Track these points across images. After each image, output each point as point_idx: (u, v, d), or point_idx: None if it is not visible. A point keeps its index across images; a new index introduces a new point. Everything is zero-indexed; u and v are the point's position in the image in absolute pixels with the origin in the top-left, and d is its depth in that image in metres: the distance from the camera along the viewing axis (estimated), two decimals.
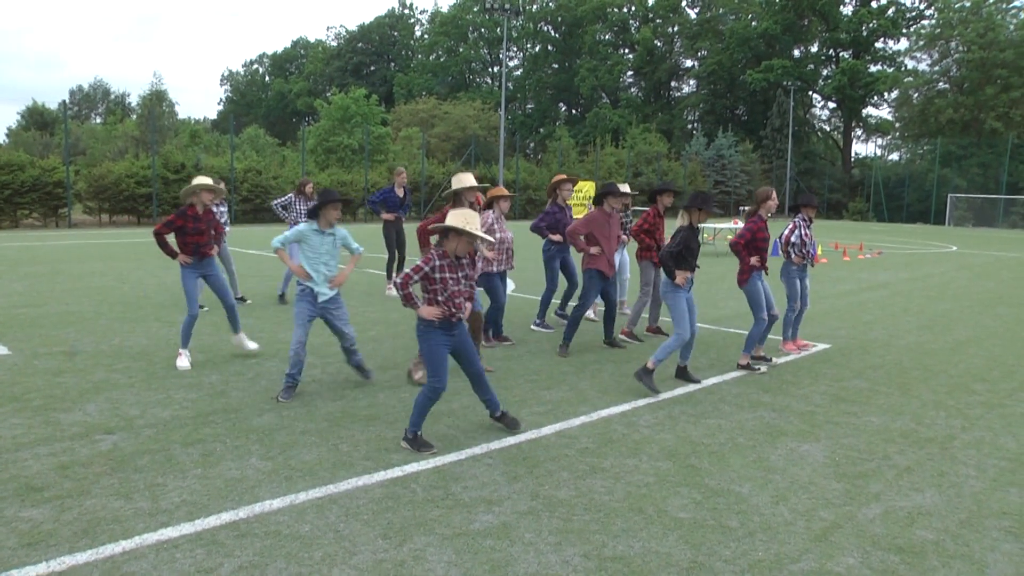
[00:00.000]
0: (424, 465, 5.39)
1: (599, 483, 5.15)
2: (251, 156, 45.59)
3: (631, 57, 78.58)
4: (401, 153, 49.23)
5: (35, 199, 30.16)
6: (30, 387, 7.26)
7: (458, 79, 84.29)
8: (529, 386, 7.55)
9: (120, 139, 51.14)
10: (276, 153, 53.82)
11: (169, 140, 47.92)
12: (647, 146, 57.82)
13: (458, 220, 5.55)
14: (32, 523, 4.44)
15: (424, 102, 65.04)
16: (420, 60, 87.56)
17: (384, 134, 49.11)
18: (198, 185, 8.14)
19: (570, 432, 6.20)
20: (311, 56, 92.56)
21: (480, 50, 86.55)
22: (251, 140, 58.37)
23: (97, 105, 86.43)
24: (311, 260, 7.04)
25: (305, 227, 7.03)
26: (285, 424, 6.24)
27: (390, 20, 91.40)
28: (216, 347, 9.05)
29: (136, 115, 63.11)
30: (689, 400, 7.20)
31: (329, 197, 6.98)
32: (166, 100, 63.29)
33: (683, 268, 7.43)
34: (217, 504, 4.70)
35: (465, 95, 72.81)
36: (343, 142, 47.09)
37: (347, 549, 4.15)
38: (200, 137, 52.54)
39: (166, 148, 38.45)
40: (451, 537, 4.31)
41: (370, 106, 49.95)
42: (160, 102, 60.55)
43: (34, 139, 53.66)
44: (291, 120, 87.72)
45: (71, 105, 73.78)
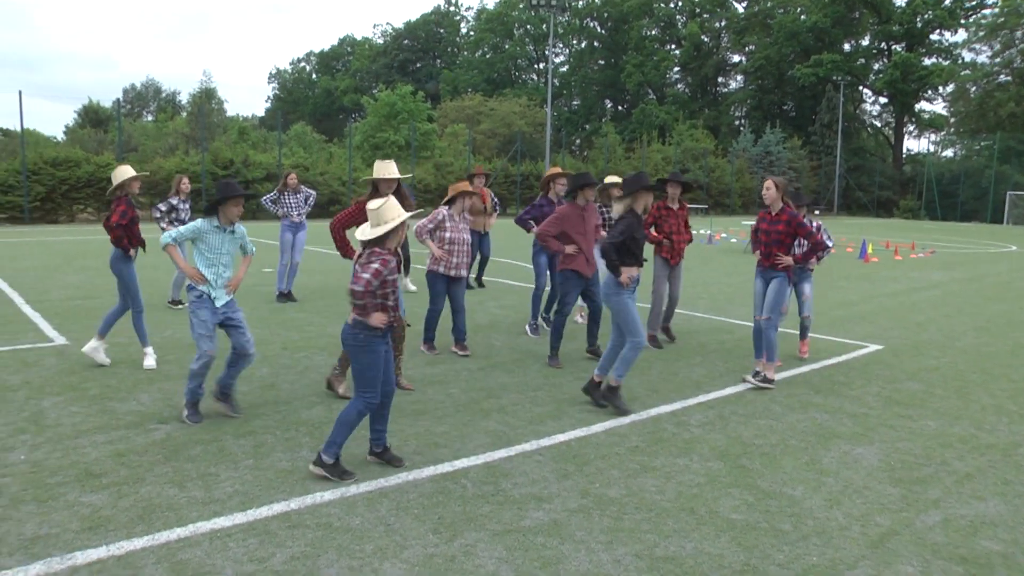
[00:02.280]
0: (474, 461, 5.38)
1: (650, 482, 5.11)
2: (298, 152, 46.07)
3: (678, 52, 77.87)
4: (447, 150, 49.37)
5: (90, 194, 30.84)
6: (87, 377, 7.41)
7: (504, 76, 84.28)
8: (578, 383, 7.50)
9: (171, 136, 51.97)
10: (323, 149, 54.27)
11: (218, 137, 48.52)
12: (694, 143, 57.34)
13: (390, 213, 4.99)
14: (92, 508, 4.54)
15: (470, 98, 65.16)
16: (466, 57, 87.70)
17: (430, 130, 49.30)
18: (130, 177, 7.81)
19: (620, 430, 6.15)
20: (358, 53, 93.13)
21: (526, 47, 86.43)
22: (298, 137, 58.94)
23: (149, 103, 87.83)
24: (209, 261, 6.21)
25: (204, 223, 6.19)
26: (334, 417, 6.22)
27: (436, 17, 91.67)
28: (265, 340, 9.14)
29: (186, 112, 64.06)
30: (739, 400, 7.10)
31: (231, 191, 6.15)
32: (215, 98, 64.16)
33: (629, 264, 6.62)
34: (269, 495, 4.74)
35: (511, 91, 72.78)
36: (389, 138, 47.39)
37: (398, 543, 4.16)
38: (248, 134, 53.18)
39: (215, 144, 38.96)
40: (502, 533, 4.30)
41: (416, 102, 50.19)
42: (209, 100, 61.43)
43: (89, 136, 54.69)
44: (337, 117, 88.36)
45: (124, 103, 75.06)
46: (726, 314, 11.70)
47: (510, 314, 11.23)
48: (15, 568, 3.85)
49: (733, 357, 8.85)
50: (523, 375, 7.80)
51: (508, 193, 44.60)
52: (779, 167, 56.40)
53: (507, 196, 44.58)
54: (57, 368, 7.73)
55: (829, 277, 16.73)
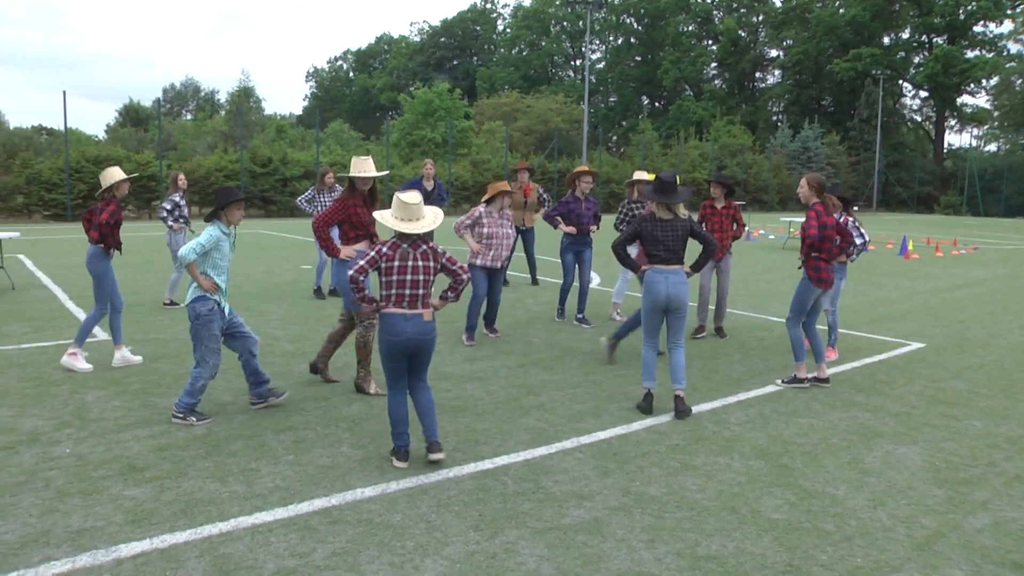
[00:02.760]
0: (514, 458, 5.38)
1: (691, 480, 5.06)
2: (335, 150, 46.29)
3: (714, 48, 77.24)
4: (484, 147, 49.42)
5: (130, 191, 31.20)
6: (129, 372, 7.51)
7: (540, 73, 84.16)
8: (618, 381, 7.48)
9: (209, 134, 52.53)
10: (360, 147, 54.55)
11: (256, 135, 49.00)
12: (731, 139, 56.82)
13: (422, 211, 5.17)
14: (135, 501, 4.60)
15: (507, 96, 65.13)
16: (502, 54, 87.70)
17: (467, 128, 49.37)
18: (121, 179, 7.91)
19: (660, 428, 6.11)
20: (394, 51, 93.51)
21: (562, 43, 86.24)
22: (335, 134, 59.31)
23: (188, 102, 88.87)
24: (220, 269, 6.14)
25: (217, 231, 6.01)
26: (375, 414, 6.30)
27: (472, 14, 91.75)
28: (305, 337, 9.21)
29: (225, 111, 64.75)
30: (780, 398, 7.02)
31: (233, 196, 6.07)
32: (253, 96, 64.85)
33: (652, 261, 6.47)
34: (310, 490, 4.76)
35: (547, 88, 72.65)
36: (426, 136, 47.52)
37: (439, 540, 4.16)
38: (286, 132, 53.63)
39: (253, 143, 39.33)
40: (542, 531, 4.28)
41: (453, 100, 50.28)
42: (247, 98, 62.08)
43: (129, 135, 55.49)
44: (374, 115, 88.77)
45: (164, 102, 76.01)
46: (765, 311, 11.58)
47: (548, 311, 11.21)
48: (63, 559, 3.91)
49: (773, 355, 8.75)
50: (563, 372, 7.78)
51: (545, 189, 44.56)
52: (817, 163, 55.62)
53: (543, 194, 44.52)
54: (99, 363, 7.83)
55: (869, 274, 16.50)
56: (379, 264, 5.08)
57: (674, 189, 6.39)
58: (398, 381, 5.23)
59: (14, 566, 3.84)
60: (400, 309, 5.06)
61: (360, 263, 5.08)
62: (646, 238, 6.44)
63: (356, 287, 5.09)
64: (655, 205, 6.49)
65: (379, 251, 5.08)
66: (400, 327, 5.04)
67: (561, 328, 9.99)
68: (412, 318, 5.05)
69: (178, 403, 6.02)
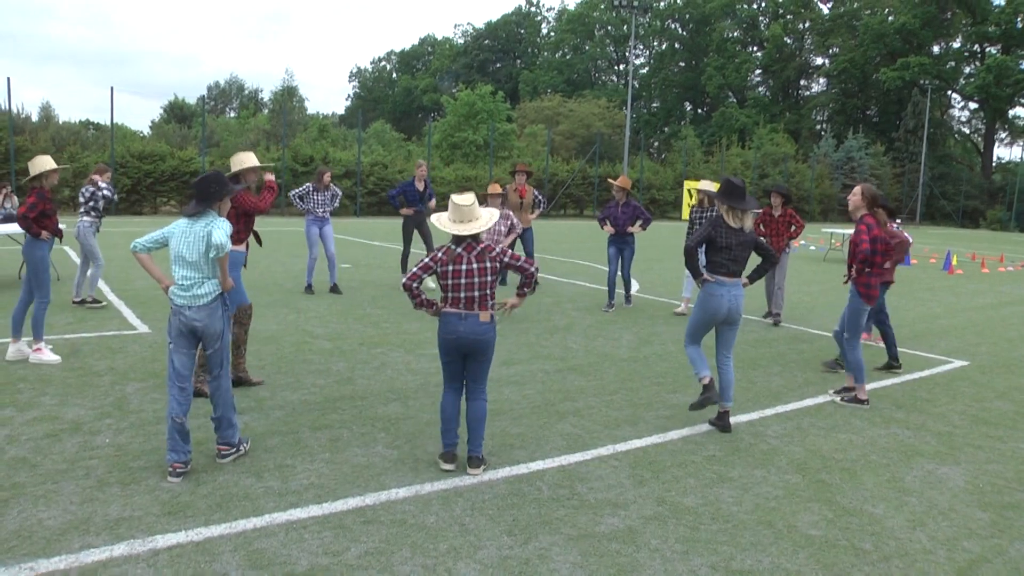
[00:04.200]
0: (549, 463, 5.35)
1: (726, 492, 5.00)
2: (377, 150, 46.60)
3: (759, 55, 76.53)
4: (525, 150, 49.45)
5: (173, 187, 31.74)
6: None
7: (583, 77, 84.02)
8: (655, 389, 7.43)
9: (252, 132, 52.98)
10: (401, 148, 54.86)
11: (299, 134, 49.40)
12: (774, 147, 56.23)
13: (479, 211, 5.21)
14: (172, 493, 4.64)
15: (549, 99, 65.10)
16: (546, 57, 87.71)
17: (509, 131, 49.41)
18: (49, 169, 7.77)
19: (696, 438, 6.05)
20: (438, 53, 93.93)
21: (606, 48, 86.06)
22: (377, 135, 59.71)
23: (232, 100, 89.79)
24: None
25: (229, 225, 5.21)
26: (411, 414, 6.31)
27: (516, 17, 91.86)
28: (343, 335, 9.25)
29: (268, 110, 65.41)
30: (818, 412, 6.92)
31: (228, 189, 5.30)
32: (296, 95, 65.34)
33: (715, 271, 6.23)
34: (344, 489, 4.78)
35: (590, 93, 72.49)
36: (468, 138, 47.63)
37: (472, 543, 4.15)
38: (328, 131, 54.01)
39: (296, 141, 39.66)
40: (576, 538, 4.25)
41: (496, 102, 50.35)
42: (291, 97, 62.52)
43: (174, 131, 56.28)
44: (416, 116, 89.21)
45: (208, 100, 77.03)
46: (805, 323, 11.43)
47: (586, 316, 11.16)
48: (102, 547, 3.97)
49: (812, 368, 8.63)
50: (599, 378, 7.73)
51: (586, 194, 44.43)
52: (861, 174, 54.79)
53: (584, 197, 44.42)
54: (140, 355, 7.94)
55: (911, 288, 16.24)
56: (435, 269, 5.10)
57: (742, 194, 6.18)
58: (452, 380, 5.25)
59: (56, 551, 3.92)
60: (456, 309, 5.08)
61: (414, 270, 5.10)
62: (715, 244, 6.19)
63: (411, 293, 5.10)
64: (724, 211, 6.24)
65: (434, 256, 5.11)
66: (454, 326, 5.07)
67: (599, 334, 9.94)
68: (467, 318, 5.07)
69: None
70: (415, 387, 7.13)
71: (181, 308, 5.02)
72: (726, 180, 6.24)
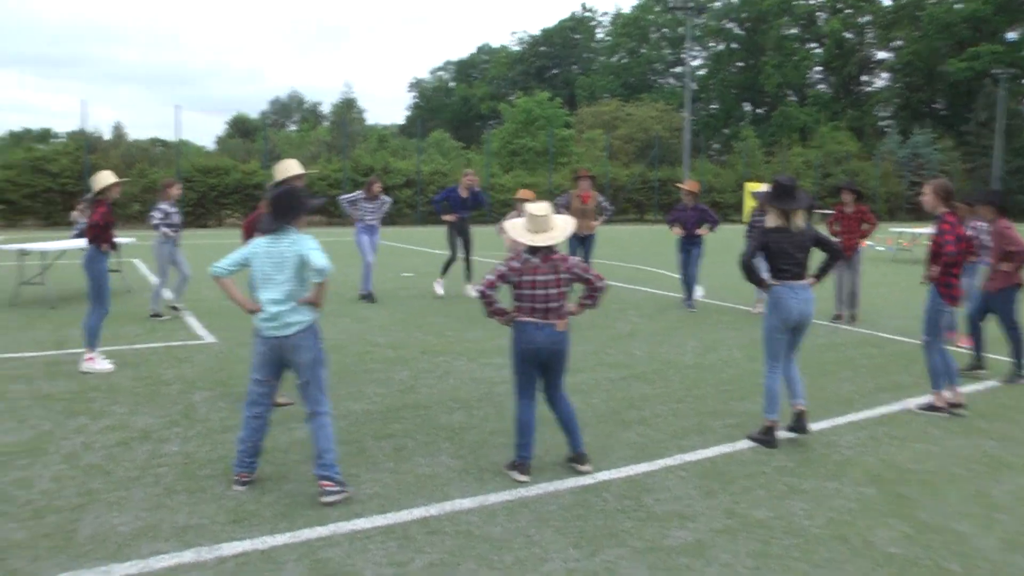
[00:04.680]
0: (615, 474, 5.24)
1: (798, 505, 4.81)
2: (437, 159, 46.90)
3: (819, 51, 74.94)
4: (584, 155, 49.27)
5: (237, 200, 32.43)
6: (234, 374, 7.67)
7: (640, 80, 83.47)
8: (722, 396, 7.26)
9: (313, 144, 53.84)
10: (461, 156, 55.10)
11: (359, 145, 50.01)
12: (836, 145, 55.04)
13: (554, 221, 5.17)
14: (237, 502, 4.67)
15: (607, 104, 64.83)
16: (602, 62, 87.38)
17: (568, 136, 49.33)
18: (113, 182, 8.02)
19: (766, 448, 5.86)
20: (495, 61, 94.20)
21: (662, 50, 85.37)
22: (437, 144, 60.06)
23: (293, 113, 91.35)
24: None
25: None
26: (475, 424, 6.26)
27: (572, 23, 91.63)
28: (405, 343, 9.26)
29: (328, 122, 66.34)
30: (893, 421, 6.63)
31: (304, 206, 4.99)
32: (355, 107, 66.21)
33: (780, 277, 5.95)
34: (409, 499, 4.74)
35: (648, 96, 71.96)
36: (527, 144, 47.66)
37: (537, 555, 4.06)
38: (388, 141, 54.56)
39: (356, 152, 40.16)
40: (644, 551, 4.14)
41: (554, 108, 50.32)
42: (350, 109, 63.47)
43: (237, 146, 57.49)
44: (475, 124, 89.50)
45: (270, 114, 78.48)
46: (875, 327, 11.09)
47: (650, 323, 11.01)
48: (170, 553, 4.01)
49: (884, 373, 8.33)
50: (664, 386, 7.59)
51: (646, 199, 44.11)
52: (930, 170, 53.04)
53: (644, 202, 44.08)
54: (206, 365, 8.05)
55: None
56: (510, 279, 5.05)
57: (792, 194, 5.92)
58: (527, 389, 5.21)
59: (128, 556, 3.98)
60: (533, 319, 5.03)
61: (490, 278, 5.04)
62: (772, 251, 5.95)
63: (487, 301, 5.05)
64: (774, 214, 6.01)
65: (510, 265, 5.05)
66: (532, 336, 5.03)
67: (663, 340, 9.79)
68: (544, 327, 5.03)
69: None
70: (479, 396, 7.08)
71: (268, 336, 4.77)
72: (774, 181, 6.02)
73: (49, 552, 4.01)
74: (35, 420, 6.17)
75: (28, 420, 6.16)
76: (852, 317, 11.41)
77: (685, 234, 12.27)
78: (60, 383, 7.29)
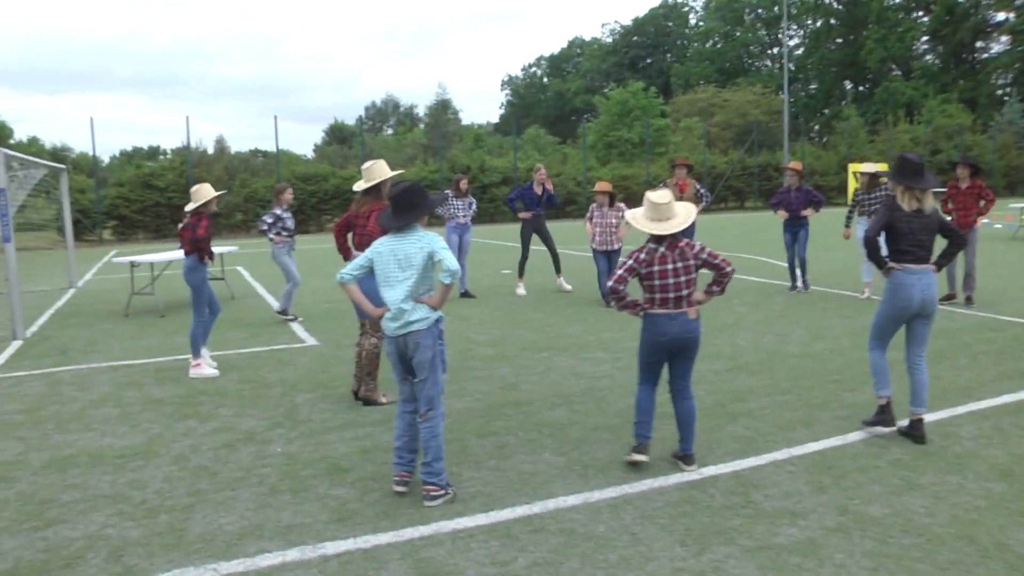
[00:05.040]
0: (722, 469, 5.07)
1: (917, 502, 4.52)
2: (533, 156, 46.98)
3: (926, 19, 71.29)
4: (682, 144, 48.58)
5: (336, 205, 33.20)
6: (335, 375, 7.79)
7: (735, 65, 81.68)
8: (831, 387, 6.96)
9: (409, 147, 54.66)
10: (557, 151, 55.06)
11: (454, 145, 50.48)
12: (947, 119, 52.50)
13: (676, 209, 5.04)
14: (340, 501, 4.70)
15: (702, 91, 63.70)
16: (696, 48, 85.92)
17: (664, 126, 48.70)
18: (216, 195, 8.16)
19: (879, 440, 5.57)
20: (587, 54, 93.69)
21: (758, 32, 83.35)
22: (532, 140, 60.17)
23: (388, 118, 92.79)
24: None
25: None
26: (577, 420, 6.17)
27: (664, 10, 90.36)
28: (506, 340, 9.24)
29: (423, 124, 67.16)
30: (1021, 411, 6.20)
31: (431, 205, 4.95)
32: (450, 108, 66.83)
33: (901, 260, 5.59)
34: (511, 497, 4.68)
35: (744, 80, 70.30)
36: (623, 136, 47.26)
37: (643, 554, 3.95)
38: (483, 140, 54.90)
39: (452, 152, 40.53)
40: (753, 550, 3.97)
41: (648, 98, 49.74)
42: (445, 110, 64.08)
43: (335, 152, 58.79)
44: (570, 118, 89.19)
45: (366, 120, 79.87)
46: (993, 309, 10.49)
47: (754, 312, 10.71)
48: (275, 552, 4.06)
49: (1005, 359, 7.84)
50: (770, 377, 7.34)
51: (746, 185, 43.18)
52: None
53: (745, 189, 43.15)
54: (308, 367, 8.19)
55: None
56: (638, 271, 4.96)
57: (920, 171, 5.56)
58: (651, 377, 5.14)
59: (235, 555, 4.05)
60: (665, 309, 4.94)
61: (619, 272, 4.94)
62: (896, 230, 5.60)
63: (617, 296, 4.96)
64: (899, 192, 5.64)
65: (636, 258, 4.96)
66: (665, 327, 4.94)
67: (768, 330, 9.51)
68: (677, 317, 4.93)
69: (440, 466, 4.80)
70: (581, 392, 6.98)
71: (393, 335, 4.75)
72: (901, 157, 5.64)
73: (162, 550, 4.13)
74: (147, 424, 6.38)
75: (140, 424, 6.38)
76: (968, 299, 10.90)
77: (790, 216, 12.22)
78: (169, 388, 7.54)
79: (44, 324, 11.55)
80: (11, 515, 4.63)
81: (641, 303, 5.02)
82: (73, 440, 6.00)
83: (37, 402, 7.16)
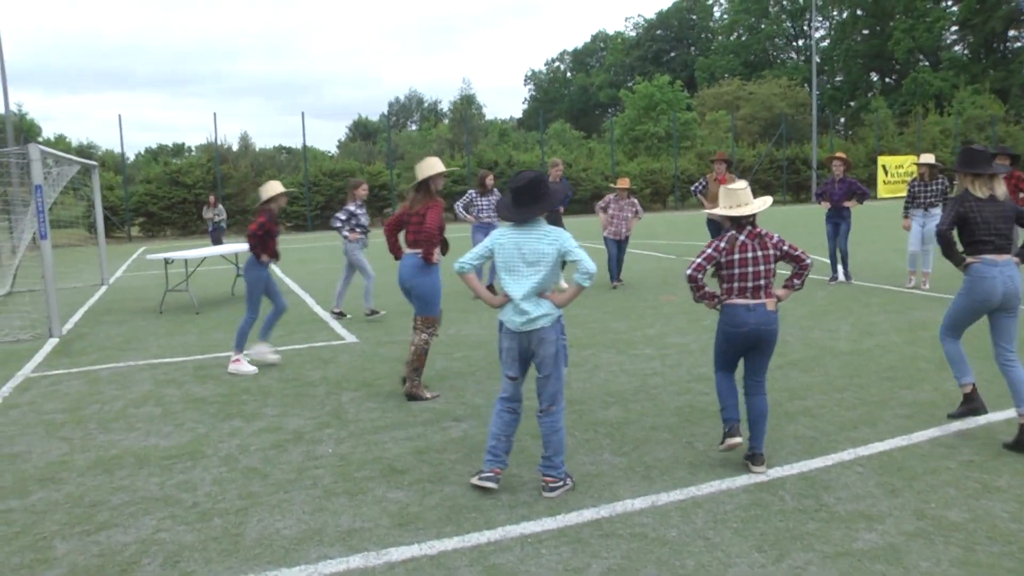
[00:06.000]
0: (788, 470, 4.93)
1: (998, 506, 4.34)
2: (559, 150, 46.83)
3: (955, 9, 70.15)
4: (708, 138, 48.24)
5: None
6: (379, 373, 7.69)
7: (761, 57, 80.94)
8: (887, 385, 6.79)
9: (434, 142, 54.57)
10: (582, 146, 54.83)
11: (480, 140, 50.38)
12: (978, 110, 51.76)
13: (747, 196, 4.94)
14: (399, 504, 4.59)
15: (728, 84, 63.23)
16: (721, 41, 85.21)
17: (690, 120, 48.38)
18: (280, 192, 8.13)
19: (946, 440, 5.40)
20: (611, 48, 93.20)
21: (782, 24, 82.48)
22: (557, 135, 59.98)
23: (412, 113, 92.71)
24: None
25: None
26: (632, 419, 6.04)
27: (688, 3, 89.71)
28: None
29: (448, 119, 67.12)
30: None
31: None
32: (475, 103, 66.72)
33: (980, 251, 5.39)
34: (577, 500, 4.56)
35: (769, 73, 69.66)
36: (649, 130, 46.99)
37: (720, 560, 3.82)
38: (508, 135, 54.77)
39: (478, 147, 40.41)
40: (833, 556, 3.83)
41: (674, 92, 49.44)
42: (469, 105, 63.97)
43: (360, 148, 58.85)
44: (594, 113, 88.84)
45: (390, 116, 79.80)
46: None
47: (798, 307, 10.50)
48: (337, 559, 3.95)
49: None
50: (823, 374, 7.18)
51: (774, 179, 42.80)
52: None
53: (773, 182, 42.76)
54: (351, 365, 8.11)
55: None
56: (718, 259, 4.86)
57: (987, 159, 5.38)
58: (727, 366, 5.07)
59: (296, 561, 3.95)
60: (744, 300, 4.83)
61: (698, 261, 4.86)
62: (970, 221, 5.39)
63: (695, 285, 4.87)
64: (968, 182, 5.46)
65: (716, 246, 4.86)
66: (743, 318, 4.82)
67: (814, 325, 9.33)
68: (756, 308, 4.82)
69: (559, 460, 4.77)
70: (632, 389, 6.86)
71: (515, 331, 4.66)
72: (965, 148, 5.49)
73: (219, 555, 4.04)
74: (191, 423, 6.31)
75: (184, 423, 6.31)
76: None
77: (832, 206, 12.30)
78: (210, 386, 7.48)
79: (78, 321, 11.56)
80: (62, 518, 4.56)
81: (719, 295, 4.92)
82: (117, 440, 5.94)
83: (78, 401, 7.11)
